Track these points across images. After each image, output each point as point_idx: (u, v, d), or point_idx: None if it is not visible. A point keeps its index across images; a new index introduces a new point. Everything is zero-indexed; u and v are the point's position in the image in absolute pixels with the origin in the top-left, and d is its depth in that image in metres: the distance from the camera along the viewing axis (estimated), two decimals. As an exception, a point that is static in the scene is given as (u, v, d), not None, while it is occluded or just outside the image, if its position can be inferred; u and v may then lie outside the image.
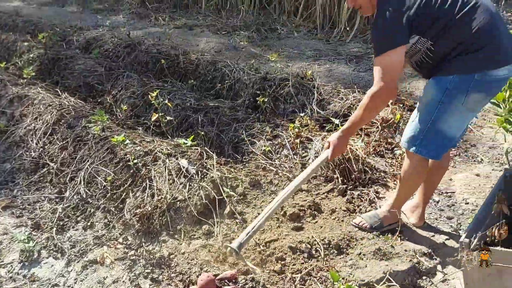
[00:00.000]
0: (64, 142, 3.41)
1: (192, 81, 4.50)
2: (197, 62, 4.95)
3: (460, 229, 2.47)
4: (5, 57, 5.68)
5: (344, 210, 2.64)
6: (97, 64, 5.01)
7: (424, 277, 2.16)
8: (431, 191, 2.52)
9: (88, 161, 3.11)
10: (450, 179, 2.99)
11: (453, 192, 2.85)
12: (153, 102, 3.28)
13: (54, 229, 2.73)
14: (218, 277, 2.22)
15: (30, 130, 3.64)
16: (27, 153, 3.48)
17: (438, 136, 2.14)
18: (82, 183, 2.98)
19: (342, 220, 2.57)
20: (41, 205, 2.99)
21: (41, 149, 3.45)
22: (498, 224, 1.83)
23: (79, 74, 4.81)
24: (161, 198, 2.66)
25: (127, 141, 3.02)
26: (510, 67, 2.03)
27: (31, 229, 2.77)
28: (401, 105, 3.68)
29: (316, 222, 2.59)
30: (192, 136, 3.07)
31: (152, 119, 3.24)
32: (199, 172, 2.80)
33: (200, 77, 4.74)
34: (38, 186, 3.19)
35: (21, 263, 2.53)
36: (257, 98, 3.81)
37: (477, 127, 3.60)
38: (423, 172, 2.29)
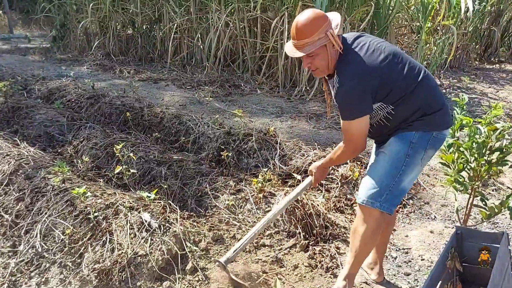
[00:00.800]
0: (20, 193, 3.30)
1: (156, 134, 4.53)
2: (162, 115, 5.02)
3: (417, 286, 2.54)
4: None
5: (306, 266, 2.67)
6: (59, 114, 4.97)
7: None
8: (385, 246, 2.59)
9: (46, 213, 3.02)
10: (406, 236, 3.10)
11: (409, 249, 2.95)
12: (117, 154, 3.27)
13: (6, 285, 2.59)
14: (178, 336, 2.17)
15: (-15, 180, 3.51)
16: (-21, 204, 3.34)
17: (402, 190, 2.18)
18: (38, 236, 2.87)
19: (305, 276, 2.59)
20: (-8, 259, 2.84)
21: (-5, 200, 3.32)
22: (452, 280, 1.91)
23: (39, 124, 4.75)
24: (122, 253, 2.60)
25: (88, 193, 2.97)
26: (449, 129, 2.31)
27: (-21, 286, 2.62)
28: (359, 163, 3.84)
29: (279, 278, 2.60)
30: (155, 190, 3.06)
31: (115, 172, 3.22)
32: (162, 226, 2.77)
33: (165, 130, 4.78)
34: (-10, 239, 3.04)
35: (-34, 323, 2.37)
36: (221, 153, 3.87)
37: (430, 186, 3.79)
38: (382, 228, 2.28)
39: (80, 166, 3.90)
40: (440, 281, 2.09)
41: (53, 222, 2.94)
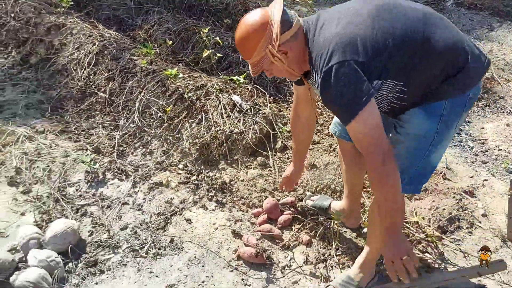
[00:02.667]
0: (110, 73, 3.50)
1: (228, 20, 4.53)
2: (227, 1, 4.96)
3: (496, 173, 2.70)
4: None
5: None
6: (125, -3, 4.98)
7: (466, 211, 2.40)
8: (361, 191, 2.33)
9: (139, 92, 3.23)
10: (482, 128, 3.20)
11: (485, 139, 3.06)
12: (204, 38, 3.35)
13: (115, 153, 2.89)
14: (280, 202, 2.45)
15: (73, 59, 3.70)
16: (72, 82, 3.57)
17: (428, 169, 1.75)
18: (137, 112, 3.11)
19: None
20: (97, 131, 3.12)
21: (86, 78, 3.53)
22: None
23: (108, 7, 4.80)
24: (219, 129, 2.83)
25: (180, 74, 3.13)
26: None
27: (92, 153, 2.92)
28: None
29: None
30: (244, 74, 3.19)
31: (204, 55, 3.32)
32: (252, 108, 2.95)
33: (231, 17, 4.77)
34: (89, 114, 3.31)
35: (88, 183, 2.70)
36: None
37: (505, 81, 3.77)
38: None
39: (157, 50, 4.02)
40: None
41: (147, 100, 3.16)
